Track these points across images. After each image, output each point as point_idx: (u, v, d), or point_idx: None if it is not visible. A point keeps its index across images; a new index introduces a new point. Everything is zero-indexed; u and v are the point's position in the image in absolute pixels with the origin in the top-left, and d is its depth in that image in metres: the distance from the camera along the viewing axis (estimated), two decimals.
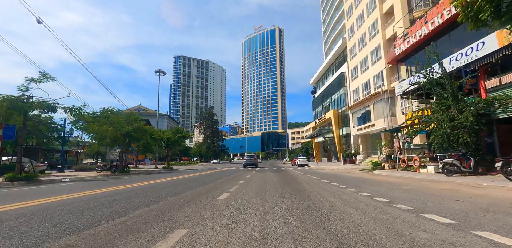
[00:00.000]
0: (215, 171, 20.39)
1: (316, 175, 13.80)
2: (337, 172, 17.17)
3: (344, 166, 26.42)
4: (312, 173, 15.97)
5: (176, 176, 14.71)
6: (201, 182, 10.08)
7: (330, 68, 51.28)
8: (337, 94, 44.44)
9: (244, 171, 18.09)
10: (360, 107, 31.61)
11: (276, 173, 15.25)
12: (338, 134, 43.49)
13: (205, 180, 11.09)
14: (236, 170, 20.58)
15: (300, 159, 35.00)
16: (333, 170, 19.65)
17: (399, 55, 18.28)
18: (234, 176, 13.55)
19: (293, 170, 21.09)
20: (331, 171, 18.85)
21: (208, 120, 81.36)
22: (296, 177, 12.24)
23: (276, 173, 15.27)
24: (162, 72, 30.13)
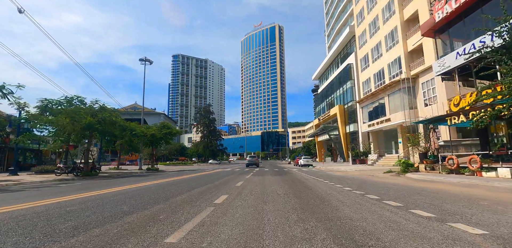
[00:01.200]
0: (205, 173, 16.84)
1: (334, 180, 10.21)
2: (355, 175, 13.58)
3: (355, 167, 22.84)
4: (325, 177, 12.36)
5: (148, 181, 11.14)
6: (169, 194, 6.56)
7: (335, 60, 47.67)
8: (343, 88, 40.84)
9: (238, 175, 14.49)
10: (372, 100, 28.01)
11: (279, 178, 11.65)
12: (345, 131, 39.89)
13: (176, 190, 7.54)
14: (230, 172, 17.01)
15: (304, 159, 31.43)
16: (348, 172, 16.05)
17: (440, 22, 14.26)
18: (221, 182, 9.97)
19: (298, 171, 17.54)
20: (345, 173, 15.25)
21: (205, 118, 77.75)
22: (309, 184, 8.65)
23: (279, 178, 11.67)
24: (148, 60, 26.58)
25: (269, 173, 15.71)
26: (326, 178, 11.02)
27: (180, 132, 23.41)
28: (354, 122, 37.26)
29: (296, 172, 16.35)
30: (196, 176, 14.03)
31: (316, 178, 11.35)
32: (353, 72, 37.81)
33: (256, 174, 14.68)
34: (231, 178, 11.67)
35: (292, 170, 20.74)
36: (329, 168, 23.50)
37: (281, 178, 11.15)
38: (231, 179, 11.05)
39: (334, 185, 8.18)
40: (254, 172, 16.54)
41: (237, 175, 13.50)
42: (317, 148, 56.49)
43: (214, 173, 17.04)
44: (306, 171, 18.87)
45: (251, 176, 12.44)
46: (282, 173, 15.25)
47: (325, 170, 19.82)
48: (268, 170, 19.78)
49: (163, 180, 11.36)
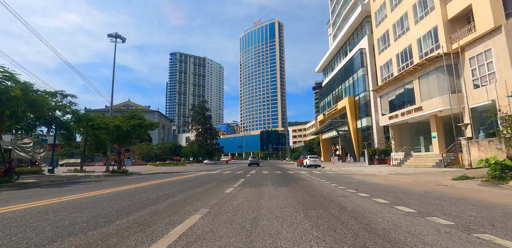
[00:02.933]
0: (178, 178, 11.73)
1: (405, 199, 5.05)
2: (409, 183, 8.42)
3: (379, 168, 17.74)
4: (369, 188, 7.18)
5: (72, 194, 5.96)
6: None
7: (342, 49, 42.56)
8: (352, 77, 35.74)
9: (219, 183, 9.35)
10: (395, 86, 22.89)
11: (287, 192, 6.37)
12: (355, 127, 34.79)
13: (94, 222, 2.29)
14: (213, 178, 11.90)
15: (310, 159, 26.31)
16: (388, 178, 10.91)
17: None
18: (194, 193, 4.81)
19: (310, 175, 12.43)
20: (388, 181, 10.09)
21: (200, 116, 72.52)
22: (380, 225, 3.46)
23: (288, 192, 6.37)
24: (119, 36, 21.48)
25: (269, 179, 10.52)
26: (378, 193, 5.89)
27: (155, 123, 18.31)
28: (367, 115, 32.20)
29: (308, 178, 11.17)
30: (172, 181, 8.91)
31: (357, 192, 6.17)
32: (365, 58, 32.73)
33: (249, 181, 9.52)
34: (203, 191, 6.52)
35: (300, 172, 15.61)
36: (344, 169, 18.37)
37: (291, 194, 5.89)
38: (201, 193, 5.94)
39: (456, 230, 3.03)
40: (246, 178, 11.38)
41: (216, 184, 8.30)
42: (322, 146, 51.35)
43: (192, 177, 11.93)
44: (319, 174, 13.73)
45: (238, 188, 7.26)
46: (289, 180, 10.06)
47: (345, 173, 14.68)
48: (267, 174, 14.62)
49: (102, 192, 6.29)
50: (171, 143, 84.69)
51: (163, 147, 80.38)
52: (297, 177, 11.55)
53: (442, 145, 18.76)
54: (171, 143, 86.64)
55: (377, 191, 6.25)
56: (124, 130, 16.71)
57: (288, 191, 6.13)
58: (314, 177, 11.07)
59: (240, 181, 8.77)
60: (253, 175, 12.85)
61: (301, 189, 6.69)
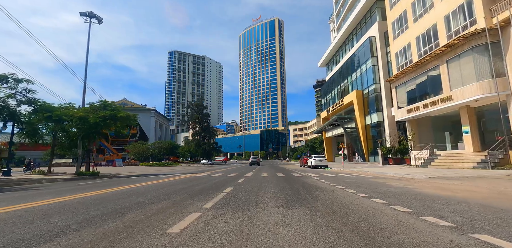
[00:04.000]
0: (159, 182, 8.65)
1: None
2: (498, 198, 5.26)
3: (403, 170, 14.66)
4: (456, 210, 4.02)
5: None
6: None
7: (348, 39, 39.41)
8: (361, 69, 32.59)
9: (203, 191, 6.28)
10: (415, 74, 19.73)
11: (306, 221, 3.24)
12: (364, 123, 31.66)
13: None
14: (194, 183, 8.77)
15: (316, 158, 23.13)
16: (433, 185, 7.70)
17: None
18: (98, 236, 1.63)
19: (322, 180, 9.29)
20: (436, 189, 6.84)
21: (198, 114, 69.38)
22: None
23: (307, 220, 3.27)
24: (93, 16, 18.34)
25: (269, 187, 7.20)
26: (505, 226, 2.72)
27: (132, 116, 14.98)
28: (378, 110, 29.09)
29: (325, 185, 7.90)
30: (95, 196, 5.77)
31: (457, 226, 3.04)
32: (375, 47, 29.62)
33: (238, 193, 6.30)
34: (126, 227, 3.41)
35: (308, 175, 12.45)
36: (359, 170, 15.24)
37: (323, 237, 2.76)
38: (152, 216, 2.86)
39: None
40: (237, 185, 8.18)
41: (179, 201, 4.95)
42: (325, 145, 48.20)
43: (164, 183, 8.76)
44: (335, 178, 10.54)
45: (210, 213, 4.05)
46: (300, 189, 6.69)
47: (366, 176, 11.51)
48: (267, 177, 11.42)
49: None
50: (167, 143, 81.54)
51: (159, 147, 77.25)
52: (308, 183, 8.38)
53: (476, 142, 15.62)
54: (168, 142, 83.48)
55: (492, 219, 3.10)
56: (91, 123, 13.53)
57: (310, 224, 2.96)
58: (333, 184, 7.90)
59: (223, 193, 5.56)
60: (247, 180, 9.68)
61: (331, 214, 3.51)
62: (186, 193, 5.63)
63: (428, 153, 17.43)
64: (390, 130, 26.83)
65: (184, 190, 6.36)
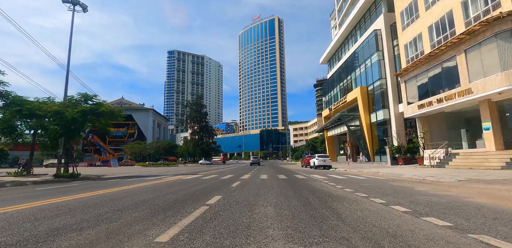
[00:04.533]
0: (135, 186, 7.14)
1: None
2: None
3: (418, 170, 13.12)
4: None
5: None
6: None
7: (351, 34, 37.82)
8: (365, 64, 31.02)
9: (176, 203, 4.77)
10: (427, 66, 18.15)
11: None
12: (369, 121, 30.08)
13: None
14: (175, 189, 7.22)
15: (319, 158, 21.54)
16: (480, 191, 6.16)
17: None
18: None
19: (333, 184, 7.72)
20: (495, 199, 5.34)
21: (196, 113, 67.73)
22: None
23: None
24: (77, 3, 16.77)
25: (269, 195, 5.47)
26: None
27: (117, 111, 13.32)
28: (384, 107, 27.50)
29: (341, 192, 6.24)
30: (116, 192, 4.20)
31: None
32: (381, 41, 28.04)
33: (226, 207, 4.73)
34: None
35: (313, 177, 10.87)
36: (368, 171, 13.66)
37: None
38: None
39: None
40: (227, 193, 6.54)
41: (142, 219, 3.58)
42: (327, 145, 46.60)
43: (142, 188, 7.20)
44: (346, 181, 8.95)
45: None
46: (310, 198, 4.96)
47: (381, 178, 9.95)
48: (266, 180, 9.82)
49: None
50: (165, 143, 79.99)
51: (156, 147, 75.67)
52: (318, 188, 6.78)
53: (499, 139, 14.04)
54: (166, 142, 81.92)
55: None
56: (69, 119, 11.95)
57: None
58: (349, 190, 6.31)
59: (203, 208, 3.85)
60: (243, 184, 8.08)
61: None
62: (149, 208, 4.02)
63: (444, 152, 15.84)
64: (398, 128, 25.24)
65: (153, 201, 4.75)
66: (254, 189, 6.32)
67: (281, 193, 5.61)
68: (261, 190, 6.21)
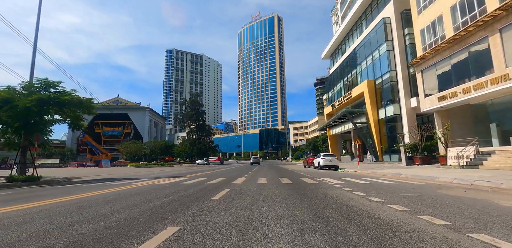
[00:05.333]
0: (106, 192, 4.79)
1: None
2: None
3: (444, 172, 10.82)
4: None
5: None
6: None
7: (356, 26, 35.49)
8: (372, 56, 28.70)
9: (130, 224, 2.43)
10: (450, 51, 15.82)
11: None
12: (377, 117, 27.76)
13: None
14: (152, 196, 4.86)
15: (324, 158, 19.18)
16: None
17: None
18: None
19: (363, 194, 5.40)
20: None
21: (192, 111, 65.35)
22: None
23: None
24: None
25: (268, 223, 3.28)
26: None
27: (87, 102, 10.90)
28: (394, 102, 25.19)
29: (399, 216, 3.92)
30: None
31: None
32: (390, 30, 25.72)
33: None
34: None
35: (324, 180, 8.53)
36: (385, 173, 11.32)
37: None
38: None
39: None
40: (186, 226, 4.20)
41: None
42: (330, 144, 44.26)
43: (74, 204, 4.89)
44: (374, 187, 6.61)
45: None
46: (359, 245, 2.93)
47: (417, 183, 7.57)
48: (265, 187, 7.42)
49: None
50: (161, 142, 77.46)
51: (152, 146, 73.13)
52: (344, 203, 4.35)
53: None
54: (162, 141, 79.41)
55: None
56: (21, 108, 9.60)
57: None
58: (400, 208, 3.93)
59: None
60: (231, 194, 5.66)
61: None
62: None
63: (474, 150, 13.49)
64: (409, 124, 22.93)
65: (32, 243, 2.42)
66: (245, 207, 3.96)
67: (290, 217, 3.25)
68: (257, 208, 3.85)
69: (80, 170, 32.95)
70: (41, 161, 63.59)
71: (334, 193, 5.44)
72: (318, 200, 4.60)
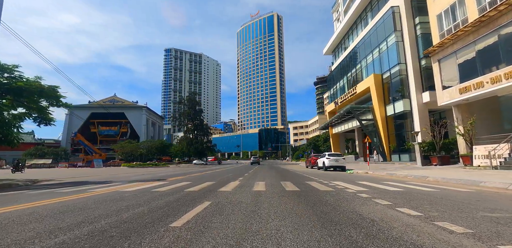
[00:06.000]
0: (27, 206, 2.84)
1: None
2: None
3: (477, 174, 8.89)
4: None
5: None
6: None
7: (360, 18, 33.55)
8: (379, 49, 26.78)
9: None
10: (474, 36, 13.87)
11: None
12: (384, 114, 25.82)
13: None
14: (77, 220, 2.90)
15: (330, 157, 17.20)
16: None
17: None
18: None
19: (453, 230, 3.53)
20: None
21: (189, 109, 63.26)
22: None
23: None
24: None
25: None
26: None
27: (47, 89, 8.80)
28: (403, 97, 23.26)
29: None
30: None
31: None
32: (400, 19, 23.81)
33: None
34: None
35: (341, 187, 6.56)
36: (402, 174, 9.38)
37: None
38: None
39: None
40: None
41: None
42: (332, 143, 42.27)
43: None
44: (415, 197, 4.70)
45: None
46: None
47: (464, 190, 5.62)
48: (262, 196, 5.48)
49: None
50: (158, 142, 75.40)
51: (149, 146, 70.99)
52: (409, 240, 2.40)
53: None
54: (159, 141, 77.37)
55: None
56: None
57: None
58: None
59: None
60: (210, 213, 3.70)
61: None
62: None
63: (509, 148, 11.52)
64: (421, 121, 21.06)
65: None
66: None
67: None
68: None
69: (67, 170, 30.93)
70: (33, 161, 61.49)
71: (370, 212, 3.47)
72: (354, 229, 2.63)
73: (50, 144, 79.90)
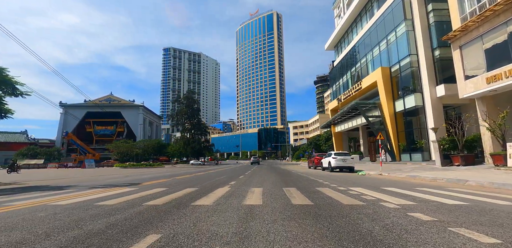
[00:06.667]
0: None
1: None
2: None
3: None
4: None
5: None
6: None
7: (364, 10, 31.58)
8: (387, 40, 24.83)
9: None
10: (504, 17, 11.94)
11: None
12: (393, 110, 23.88)
13: None
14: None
15: (336, 157, 15.27)
16: None
17: None
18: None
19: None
20: None
21: (186, 108, 61.22)
22: None
23: None
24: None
25: None
26: None
27: (12, 81, 6.81)
28: (415, 91, 21.32)
29: None
30: None
31: None
32: (410, 6, 21.89)
33: None
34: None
35: (371, 198, 4.67)
36: (427, 177, 7.46)
37: None
38: None
39: None
40: None
41: None
42: (335, 142, 40.24)
43: None
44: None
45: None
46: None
47: None
48: (259, 230, 3.47)
49: None
50: (154, 141, 73.32)
51: (145, 146, 68.92)
52: None
53: None
54: (155, 141, 75.26)
55: None
56: None
57: None
58: None
59: None
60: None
61: None
62: None
63: None
64: (436, 117, 19.15)
65: None
66: None
67: None
68: None
69: (54, 171, 28.97)
70: (24, 161, 59.40)
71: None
72: None
73: (45, 144, 77.79)
